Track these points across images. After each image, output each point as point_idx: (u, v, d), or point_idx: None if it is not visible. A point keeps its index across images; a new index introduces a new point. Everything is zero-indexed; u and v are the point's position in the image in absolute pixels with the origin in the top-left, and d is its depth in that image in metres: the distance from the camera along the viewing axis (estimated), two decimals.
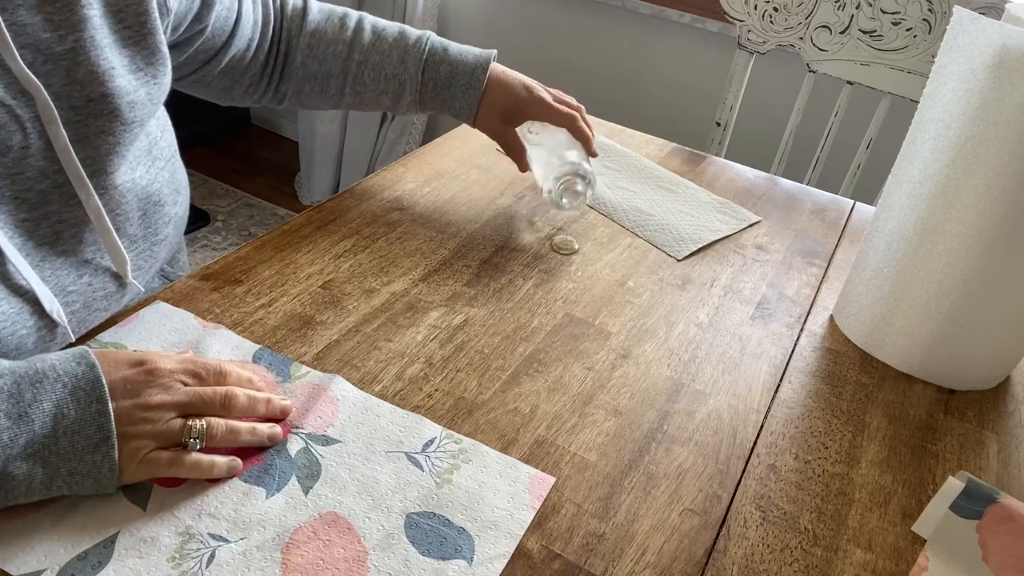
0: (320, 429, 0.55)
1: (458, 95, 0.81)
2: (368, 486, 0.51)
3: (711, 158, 1.05)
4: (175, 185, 0.68)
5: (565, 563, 0.49)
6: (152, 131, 0.64)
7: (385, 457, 0.53)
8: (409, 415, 0.57)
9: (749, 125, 1.74)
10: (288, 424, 0.55)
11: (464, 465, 0.54)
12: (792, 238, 0.89)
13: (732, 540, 0.52)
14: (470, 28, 2.07)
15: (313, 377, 0.59)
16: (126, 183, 0.61)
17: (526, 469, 0.54)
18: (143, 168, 0.63)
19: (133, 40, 0.59)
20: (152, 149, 0.64)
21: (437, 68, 0.80)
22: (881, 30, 1.18)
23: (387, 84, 0.80)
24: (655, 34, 1.83)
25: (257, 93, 0.83)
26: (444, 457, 0.54)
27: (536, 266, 0.77)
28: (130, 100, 0.59)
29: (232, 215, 2.23)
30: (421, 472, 0.53)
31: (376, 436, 0.55)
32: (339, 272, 0.72)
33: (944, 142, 0.63)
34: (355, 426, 0.56)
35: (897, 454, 0.62)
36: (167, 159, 0.67)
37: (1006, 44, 0.57)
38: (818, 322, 0.76)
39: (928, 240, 0.66)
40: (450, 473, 0.53)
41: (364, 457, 0.53)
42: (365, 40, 0.79)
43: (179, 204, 0.69)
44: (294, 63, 0.81)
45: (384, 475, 0.52)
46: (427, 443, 0.55)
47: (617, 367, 0.66)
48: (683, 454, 0.58)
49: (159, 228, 0.66)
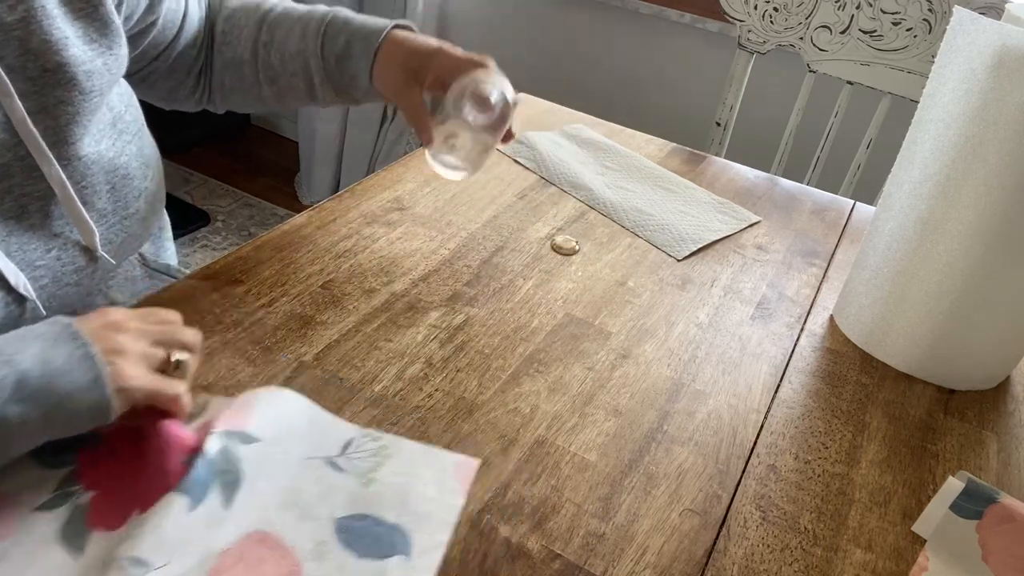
0: (238, 425, 0.52)
1: (356, 62, 0.72)
2: (292, 497, 0.50)
3: (711, 158, 1.05)
4: (144, 159, 0.67)
5: (565, 563, 0.49)
6: (115, 105, 0.64)
7: (304, 465, 0.52)
8: (323, 413, 0.56)
9: (749, 125, 1.74)
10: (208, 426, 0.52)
11: (387, 461, 0.52)
12: (792, 238, 0.89)
13: (732, 540, 0.52)
14: (470, 28, 2.07)
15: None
16: (90, 155, 0.60)
17: (450, 456, 0.54)
18: (108, 141, 0.62)
19: (84, 12, 0.58)
20: (117, 123, 0.64)
21: (336, 38, 0.72)
22: (881, 30, 1.18)
23: (294, 64, 0.73)
24: (655, 34, 1.83)
25: (197, 93, 0.79)
26: (364, 456, 0.53)
27: (536, 266, 0.77)
28: (87, 69, 0.58)
29: (232, 215, 2.23)
30: (343, 475, 0.51)
31: (292, 437, 0.53)
32: (339, 272, 0.72)
33: (944, 142, 0.63)
34: (273, 421, 0.53)
35: (897, 454, 0.62)
36: (134, 132, 0.66)
37: (1006, 44, 0.57)
38: (818, 322, 0.76)
39: (928, 240, 0.66)
40: (374, 471, 0.52)
41: (283, 465, 0.51)
42: (271, 18, 0.74)
43: (149, 178, 0.68)
44: (212, 53, 0.77)
45: (307, 483, 0.50)
46: (345, 444, 0.54)
47: (617, 367, 0.66)
48: (683, 454, 0.58)
49: (129, 202, 0.65)
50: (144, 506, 0.47)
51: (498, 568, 0.48)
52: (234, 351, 0.61)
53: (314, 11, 0.74)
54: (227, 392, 0.57)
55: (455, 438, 0.57)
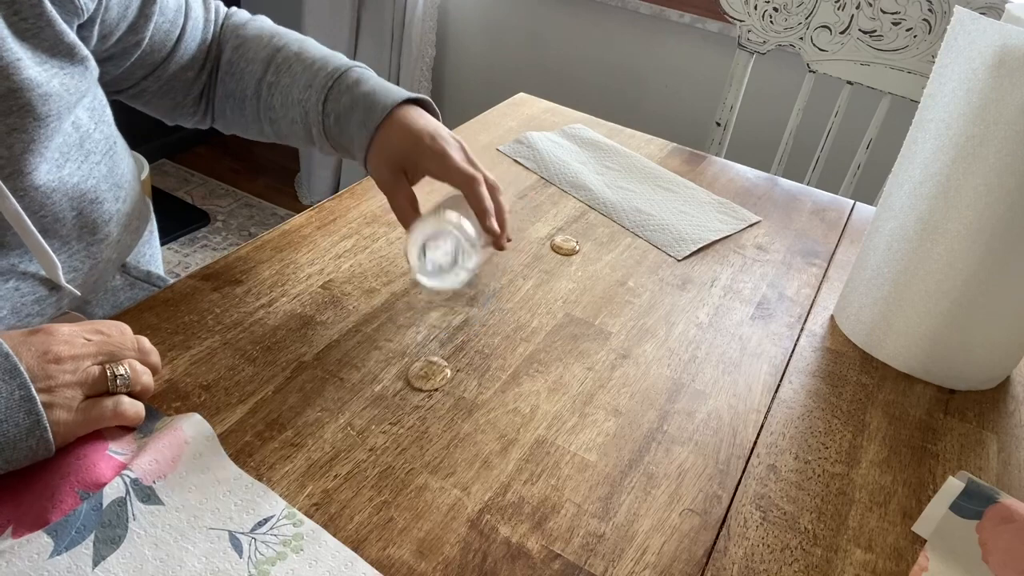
0: (149, 478, 0.48)
1: (352, 130, 0.67)
2: (168, 568, 0.44)
3: (711, 158, 1.05)
4: (115, 179, 0.64)
5: (565, 563, 0.49)
6: (84, 123, 0.60)
7: (204, 534, 0.46)
8: (255, 484, 0.50)
9: (749, 125, 1.74)
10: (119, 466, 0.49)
11: (292, 555, 0.46)
12: (792, 238, 0.89)
13: (732, 540, 0.52)
14: (470, 28, 2.07)
15: (176, 421, 0.53)
16: (50, 182, 0.57)
17: (364, 568, 0.46)
18: (73, 165, 0.59)
19: (31, 32, 0.54)
20: (84, 143, 0.60)
21: (339, 98, 0.68)
22: (881, 30, 1.18)
23: (295, 111, 0.69)
24: (655, 34, 1.83)
25: (197, 115, 0.77)
26: (273, 542, 0.47)
27: (536, 266, 0.77)
28: (42, 92, 0.54)
29: (232, 215, 2.23)
30: (238, 559, 0.45)
31: (205, 507, 0.48)
32: (339, 272, 0.72)
33: (944, 142, 0.63)
34: (187, 488, 0.49)
35: (897, 454, 0.62)
36: (104, 152, 0.63)
37: (1006, 44, 0.57)
38: (818, 322, 0.76)
39: (928, 240, 0.66)
40: (271, 564, 0.45)
41: (180, 531, 0.46)
42: (279, 59, 0.70)
43: (122, 200, 0.65)
44: (215, 79, 0.74)
45: (191, 556, 0.45)
46: (261, 522, 0.48)
47: (617, 367, 0.66)
48: (683, 454, 0.58)
49: (98, 227, 0.62)
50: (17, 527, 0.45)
51: (498, 568, 0.48)
52: (234, 351, 0.61)
53: (328, 61, 0.70)
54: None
55: (455, 438, 0.57)
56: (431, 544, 0.49)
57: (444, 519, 0.51)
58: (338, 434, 0.56)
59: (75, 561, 0.43)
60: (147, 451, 0.49)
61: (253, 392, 0.58)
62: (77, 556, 0.43)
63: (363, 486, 0.52)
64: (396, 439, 0.56)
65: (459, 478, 0.54)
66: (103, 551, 0.44)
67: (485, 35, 2.05)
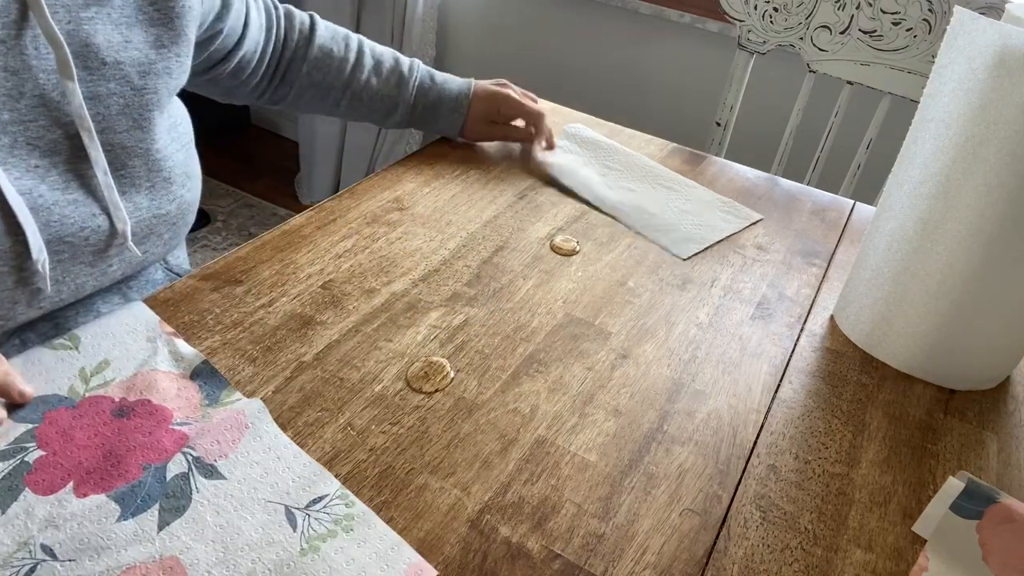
0: (212, 456, 0.51)
1: (443, 117, 0.95)
2: (227, 534, 0.47)
3: (711, 158, 1.05)
4: (187, 170, 0.70)
5: (565, 563, 0.49)
6: (174, 114, 0.69)
7: (262, 506, 0.49)
8: (312, 464, 0.52)
9: (749, 125, 1.74)
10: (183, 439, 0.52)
11: (342, 534, 0.48)
12: (792, 238, 0.89)
13: (732, 540, 0.52)
14: (470, 28, 2.07)
15: (240, 405, 0.56)
16: (136, 147, 0.64)
17: (408, 554, 0.48)
18: (162, 141, 0.66)
19: (160, 21, 0.64)
20: (172, 130, 0.68)
21: (426, 94, 0.93)
22: (881, 30, 1.18)
23: (381, 104, 0.92)
24: (655, 34, 1.83)
25: (257, 92, 0.90)
26: (326, 520, 0.49)
27: (536, 266, 0.77)
28: (142, 69, 0.63)
29: (232, 215, 2.23)
30: (292, 532, 0.48)
31: (265, 480, 0.51)
32: (339, 272, 0.72)
33: (944, 142, 0.63)
34: (248, 464, 0.51)
35: (897, 454, 0.62)
36: (183, 144, 0.70)
37: (1006, 44, 0.57)
38: (818, 322, 0.76)
39: (928, 240, 0.66)
40: (322, 540, 0.47)
41: (240, 501, 0.49)
42: (365, 62, 0.91)
43: (188, 188, 0.70)
44: (299, 71, 0.89)
45: (249, 526, 0.47)
46: (315, 499, 0.50)
47: (617, 367, 0.66)
48: (683, 454, 0.58)
49: (163, 203, 0.67)
50: (79, 484, 0.48)
51: (498, 568, 0.48)
52: (234, 351, 0.61)
53: (400, 61, 0.93)
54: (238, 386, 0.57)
55: (455, 438, 0.57)
56: (431, 544, 0.49)
57: (444, 519, 0.51)
58: (338, 434, 0.56)
59: (141, 526, 0.47)
60: (209, 432, 0.53)
61: (253, 392, 0.58)
62: (142, 522, 0.47)
63: (363, 486, 0.52)
64: (396, 439, 0.56)
65: (459, 478, 0.54)
66: (167, 518, 0.47)
67: (485, 35, 2.05)
